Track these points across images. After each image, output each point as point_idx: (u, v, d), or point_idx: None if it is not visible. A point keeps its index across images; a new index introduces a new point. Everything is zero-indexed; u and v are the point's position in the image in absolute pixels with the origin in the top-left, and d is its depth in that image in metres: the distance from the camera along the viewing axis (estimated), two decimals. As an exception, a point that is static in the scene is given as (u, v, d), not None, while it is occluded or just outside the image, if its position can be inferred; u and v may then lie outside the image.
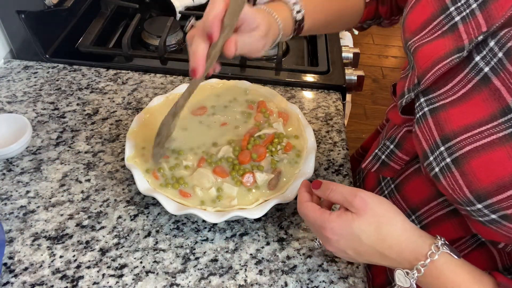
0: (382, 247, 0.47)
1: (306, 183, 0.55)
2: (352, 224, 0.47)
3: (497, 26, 0.42)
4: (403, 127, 0.57)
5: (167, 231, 0.62)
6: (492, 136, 0.41)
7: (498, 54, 0.41)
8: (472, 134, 0.42)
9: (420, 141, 0.49)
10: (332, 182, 0.51)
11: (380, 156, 0.61)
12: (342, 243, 0.48)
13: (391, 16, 0.71)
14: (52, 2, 0.85)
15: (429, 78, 0.47)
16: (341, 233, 0.48)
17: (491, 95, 0.42)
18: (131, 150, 0.65)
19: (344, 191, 0.49)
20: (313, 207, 0.50)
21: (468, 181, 0.42)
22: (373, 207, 0.47)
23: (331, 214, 0.48)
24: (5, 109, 0.79)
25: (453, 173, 0.44)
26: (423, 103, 0.48)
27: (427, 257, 0.45)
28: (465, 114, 0.43)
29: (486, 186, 0.41)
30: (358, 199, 0.47)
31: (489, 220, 0.43)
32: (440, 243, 0.46)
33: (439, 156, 0.45)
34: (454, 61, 0.45)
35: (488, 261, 0.54)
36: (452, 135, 0.44)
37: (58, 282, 0.55)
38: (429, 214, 0.57)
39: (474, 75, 0.43)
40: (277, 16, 0.58)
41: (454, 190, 0.44)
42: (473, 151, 0.42)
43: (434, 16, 0.49)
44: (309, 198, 0.53)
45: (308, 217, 0.50)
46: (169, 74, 0.90)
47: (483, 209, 0.42)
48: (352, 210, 0.48)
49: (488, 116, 0.42)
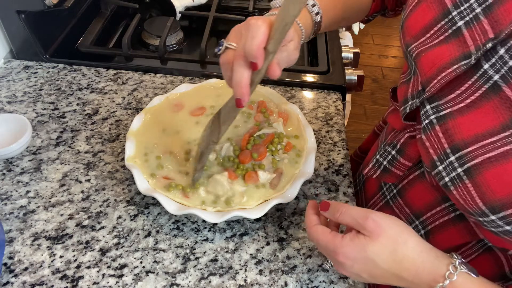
0: (399, 270, 0.46)
1: (313, 204, 0.53)
2: (366, 248, 0.45)
3: (507, 33, 0.41)
4: (405, 133, 0.56)
5: (167, 231, 0.62)
6: (506, 147, 0.40)
7: (509, 62, 0.40)
8: (484, 144, 0.41)
9: (427, 149, 0.48)
10: (341, 203, 0.50)
11: (382, 162, 0.60)
12: (356, 268, 0.47)
13: (395, 6, 0.70)
14: (52, 2, 0.85)
15: (434, 85, 0.46)
16: (355, 258, 0.46)
17: (502, 103, 0.41)
18: (131, 150, 0.65)
19: (354, 214, 0.47)
20: (323, 230, 0.49)
21: (482, 192, 0.42)
22: (386, 229, 0.46)
23: (344, 238, 0.47)
24: (5, 109, 0.79)
25: (465, 184, 0.43)
26: (429, 111, 0.47)
27: (446, 278, 0.44)
28: (475, 123, 0.43)
29: (501, 198, 0.40)
30: (370, 222, 0.46)
31: (502, 231, 0.42)
32: (458, 262, 0.45)
33: (449, 165, 0.45)
34: (461, 68, 0.44)
35: (494, 266, 0.53)
36: (463, 144, 0.43)
37: (58, 282, 0.55)
38: (433, 219, 0.56)
39: (483, 83, 0.43)
40: (299, 22, 0.57)
41: (466, 201, 0.44)
42: (486, 162, 0.41)
43: (436, 21, 0.48)
44: (317, 221, 0.51)
45: (319, 241, 0.49)
46: (169, 74, 0.90)
47: (497, 220, 0.42)
48: (365, 233, 0.46)
49: (499, 126, 0.41)
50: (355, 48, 1.04)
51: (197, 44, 0.97)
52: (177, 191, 0.60)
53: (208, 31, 0.95)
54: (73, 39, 0.95)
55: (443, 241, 0.56)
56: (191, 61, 0.93)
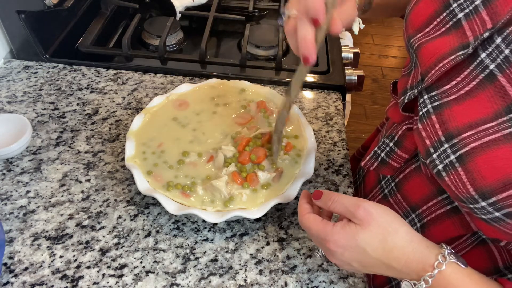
0: (389, 258, 0.46)
1: (306, 193, 0.54)
2: (356, 236, 0.46)
3: (503, 22, 0.41)
4: (403, 125, 0.57)
5: (167, 231, 0.62)
6: (497, 134, 0.40)
7: (505, 51, 0.41)
8: (477, 131, 0.42)
9: (423, 138, 0.48)
10: (333, 192, 0.50)
11: (380, 154, 0.61)
12: (346, 256, 0.47)
13: None
14: (52, 2, 0.85)
15: (433, 75, 0.46)
16: (345, 246, 0.47)
17: (496, 92, 0.41)
18: (131, 150, 0.65)
19: (346, 202, 0.48)
20: (315, 218, 0.49)
21: (473, 178, 0.42)
22: (377, 218, 0.46)
23: (334, 226, 0.47)
24: (5, 109, 0.79)
25: (457, 171, 0.43)
26: (427, 100, 0.48)
27: (435, 267, 0.44)
28: (469, 111, 0.43)
29: (491, 184, 0.41)
30: (361, 210, 0.46)
31: (492, 218, 0.43)
32: (447, 252, 0.45)
33: (442, 153, 0.45)
34: (458, 58, 0.44)
35: (488, 260, 0.54)
36: (456, 132, 0.43)
37: (58, 282, 0.55)
38: (429, 212, 0.57)
39: (479, 72, 0.43)
40: None
41: (458, 188, 0.44)
42: (478, 149, 0.41)
43: (437, 13, 0.48)
44: (310, 210, 0.51)
45: (310, 229, 0.49)
46: (169, 74, 0.90)
47: (487, 206, 0.42)
48: (356, 222, 0.47)
49: (492, 114, 0.41)
50: (355, 48, 1.04)
51: (197, 44, 0.97)
52: (176, 191, 0.60)
53: (208, 31, 0.95)
54: (73, 39, 0.95)
55: (438, 234, 0.56)
56: (191, 61, 0.93)
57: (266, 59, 0.99)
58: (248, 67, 0.92)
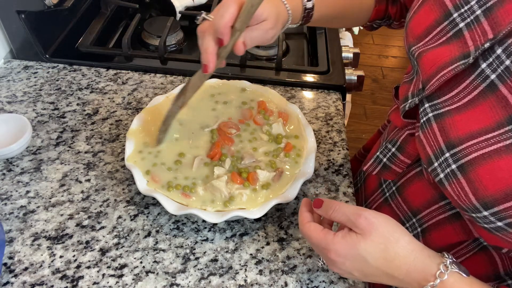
0: (390, 268, 0.46)
1: (307, 201, 0.53)
2: (357, 246, 0.45)
3: (504, 33, 0.41)
4: (405, 130, 0.57)
5: (167, 231, 0.62)
6: (499, 144, 0.40)
7: (506, 62, 0.41)
8: (478, 141, 0.42)
9: (424, 146, 0.48)
10: (334, 201, 0.50)
11: (382, 159, 0.61)
12: (347, 265, 0.47)
13: (401, 18, 0.71)
14: (52, 2, 0.85)
15: (433, 83, 0.46)
16: (346, 255, 0.46)
17: (498, 102, 0.41)
18: (131, 150, 0.65)
19: (347, 211, 0.47)
20: (315, 228, 0.49)
21: (474, 188, 0.42)
22: (378, 227, 0.46)
23: (335, 236, 0.47)
24: (5, 109, 0.79)
25: (459, 180, 0.43)
26: (428, 109, 0.48)
27: (436, 277, 0.44)
28: (471, 121, 0.43)
29: (493, 194, 0.41)
30: (362, 219, 0.46)
31: (494, 227, 0.43)
32: (449, 261, 0.45)
33: (444, 162, 0.45)
34: (459, 67, 0.44)
35: (489, 266, 0.54)
36: (458, 141, 0.43)
37: (58, 282, 0.55)
38: (430, 217, 0.57)
39: (480, 82, 0.43)
40: (286, 3, 0.59)
41: (460, 197, 0.44)
42: (479, 158, 0.41)
43: (438, 22, 0.48)
44: (310, 218, 0.51)
45: (311, 238, 0.49)
46: (169, 74, 0.90)
47: (489, 216, 0.42)
48: (357, 231, 0.46)
49: (494, 124, 0.41)
50: (355, 48, 1.04)
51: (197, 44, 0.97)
52: (177, 191, 0.60)
53: (208, 31, 0.95)
54: (73, 39, 0.95)
55: (439, 239, 0.56)
56: (191, 61, 0.93)
57: (266, 59, 0.99)
58: (248, 67, 0.92)
